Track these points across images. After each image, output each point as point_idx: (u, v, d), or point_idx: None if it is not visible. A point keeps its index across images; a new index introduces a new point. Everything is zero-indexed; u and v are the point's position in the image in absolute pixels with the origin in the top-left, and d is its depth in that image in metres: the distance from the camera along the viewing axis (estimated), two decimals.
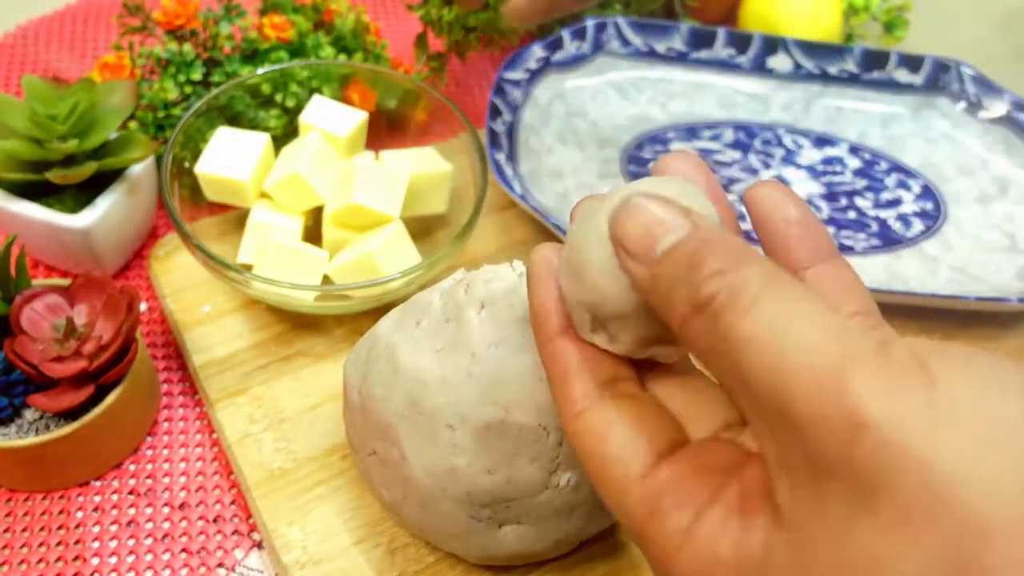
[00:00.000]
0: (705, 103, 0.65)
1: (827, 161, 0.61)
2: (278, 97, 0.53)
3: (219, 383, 0.45)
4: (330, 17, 0.59)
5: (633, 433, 0.22)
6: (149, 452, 0.44)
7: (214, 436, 0.45)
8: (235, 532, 0.42)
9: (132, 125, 0.52)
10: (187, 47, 0.53)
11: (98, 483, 0.43)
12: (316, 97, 0.52)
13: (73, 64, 0.67)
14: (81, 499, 0.42)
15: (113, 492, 0.43)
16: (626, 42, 0.66)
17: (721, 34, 0.66)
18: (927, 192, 0.59)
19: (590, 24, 0.65)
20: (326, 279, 0.48)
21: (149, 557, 0.41)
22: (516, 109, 0.60)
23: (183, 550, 0.41)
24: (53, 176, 0.45)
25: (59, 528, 0.41)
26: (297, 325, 0.48)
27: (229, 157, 0.49)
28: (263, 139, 0.50)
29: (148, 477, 0.44)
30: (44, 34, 0.70)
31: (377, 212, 0.47)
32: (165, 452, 0.45)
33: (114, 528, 0.42)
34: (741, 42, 0.66)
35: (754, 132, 0.63)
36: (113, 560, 0.40)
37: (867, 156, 0.62)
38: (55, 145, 0.45)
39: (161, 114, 0.53)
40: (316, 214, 0.50)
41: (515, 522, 0.36)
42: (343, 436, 0.43)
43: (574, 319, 0.25)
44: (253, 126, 0.52)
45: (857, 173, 0.61)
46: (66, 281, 0.43)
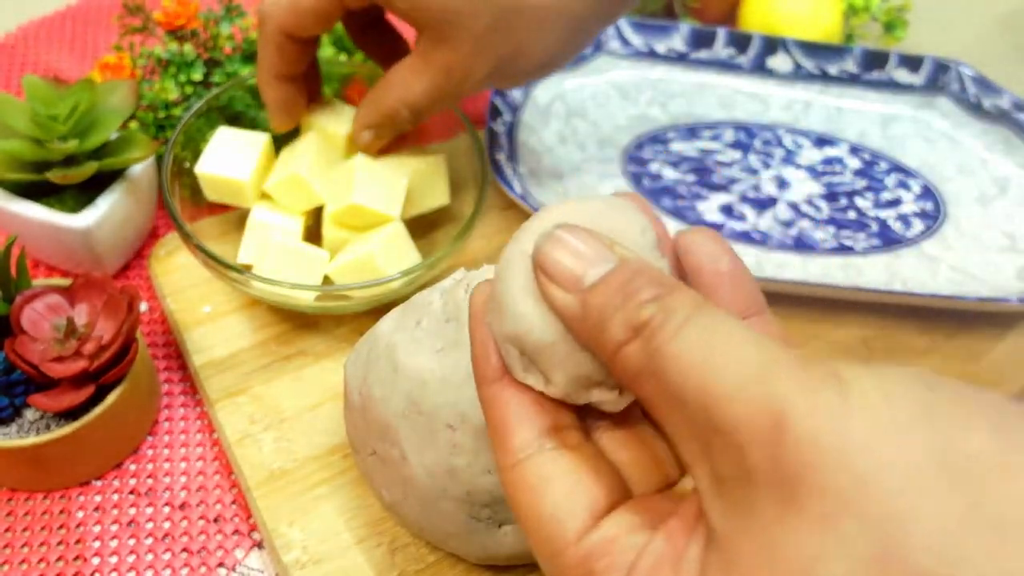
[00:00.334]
0: (705, 103, 0.65)
1: (827, 161, 0.61)
2: None
3: (219, 383, 0.45)
4: None
5: (571, 490, 0.22)
6: (149, 452, 0.44)
7: (214, 436, 0.45)
8: (235, 532, 0.42)
9: (132, 125, 0.52)
10: (187, 47, 0.53)
11: (98, 483, 0.43)
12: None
13: (73, 64, 0.67)
14: (81, 499, 0.42)
15: (113, 492, 0.43)
16: (626, 42, 0.66)
17: (721, 34, 0.66)
18: (927, 192, 0.60)
19: None
20: (326, 279, 0.48)
21: (149, 557, 0.41)
22: (516, 109, 0.60)
23: (183, 550, 0.41)
24: (54, 176, 0.45)
25: (59, 528, 0.41)
26: (297, 325, 0.48)
27: (229, 157, 0.49)
28: (263, 139, 0.50)
29: (148, 477, 0.44)
30: (44, 34, 0.70)
31: (377, 212, 0.47)
32: (165, 452, 0.45)
33: (114, 528, 0.42)
34: (741, 42, 0.66)
35: (754, 132, 0.63)
36: (113, 560, 0.40)
37: (867, 156, 0.62)
38: (56, 145, 0.45)
39: (161, 114, 0.53)
40: (316, 214, 0.50)
41: (515, 522, 0.36)
42: (343, 436, 0.43)
43: (506, 359, 0.24)
44: (253, 126, 0.52)
45: (857, 173, 0.61)
46: (66, 281, 0.43)
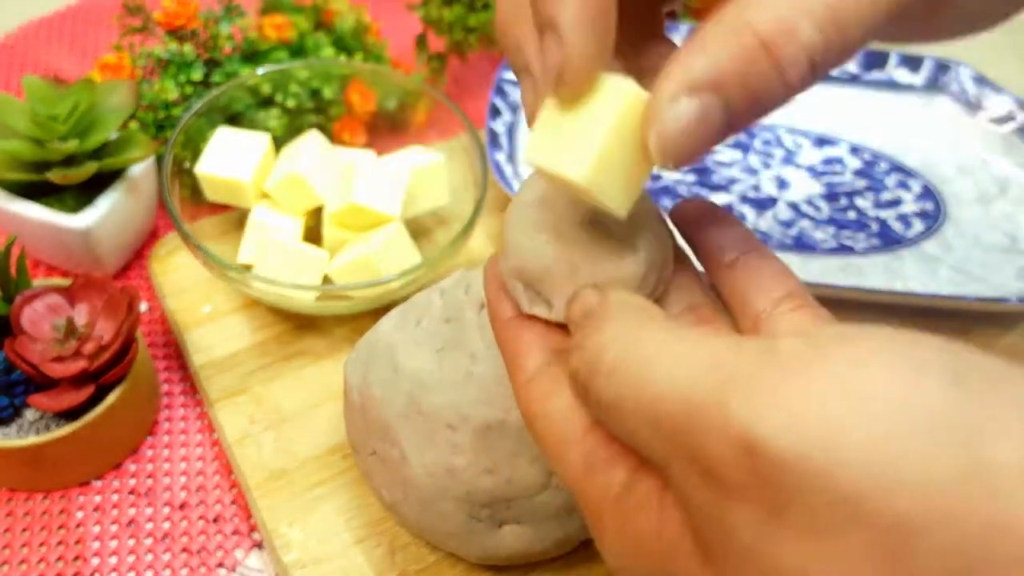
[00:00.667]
0: None
1: (827, 161, 0.61)
2: (278, 97, 0.53)
3: (219, 383, 0.45)
4: (330, 17, 0.59)
5: (573, 397, 0.23)
6: (149, 452, 0.44)
7: (214, 436, 0.45)
8: (235, 532, 0.42)
9: (132, 125, 0.52)
10: (187, 47, 0.53)
11: (98, 483, 0.43)
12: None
13: (73, 64, 0.67)
14: (81, 499, 0.42)
15: (113, 492, 0.43)
16: None
17: None
18: (927, 192, 0.59)
19: None
20: (326, 279, 0.48)
21: (149, 557, 0.41)
22: (516, 109, 0.60)
23: (183, 550, 0.41)
24: (53, 176, 0.45)
25: (59, 528, 0.41)
26: (297, 325, 0.48)
27: (229, 157, 0.49)
28: (263, 139, 0.50)
29: (148, 477, 0.44)
30: (44, 34, 0.70)
31: (377, 212, 0.47)
32: (165, 452, 0.45)
33: (114, 528, 0.42)
34: None
35: (754, 132, 0.63)
36: (113, 560, 0.40)
37: (867, 156, 0.62)
38: (55, 145, 0.45)
39: (161, 114, 0.53)
40: (316, 214, 0.50)
41: (515, 522, 0.36)
42: (343, 436, 0.43)
43: (514, 296, 0.26)
44: (253, 126, 0.52)
45: (857, 173, 0.61)
46: (66, 281, 0.43)
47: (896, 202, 0.59)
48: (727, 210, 0.27)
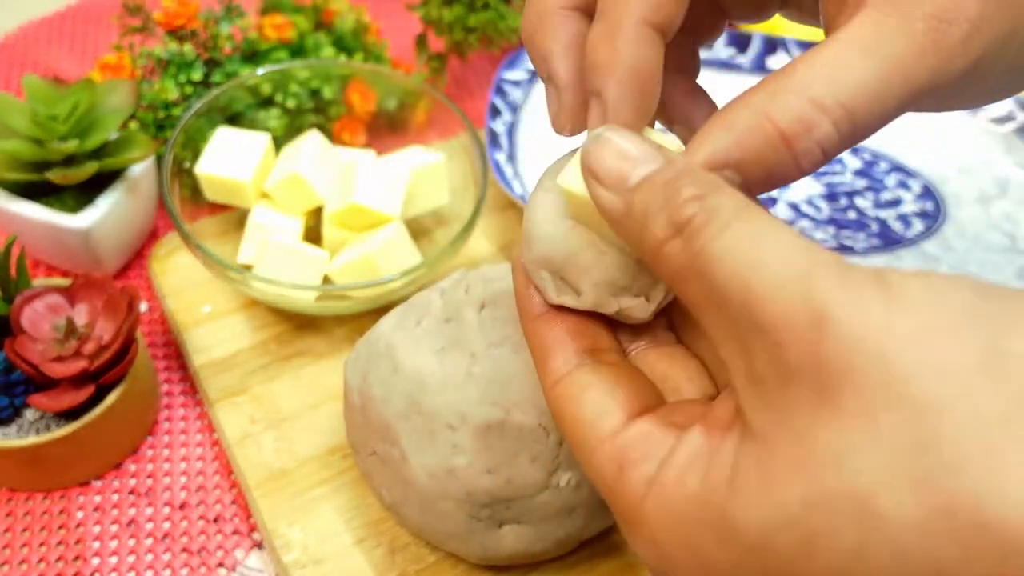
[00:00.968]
0: None
1: None
2: (278, 97, 0.53)
3: (219, 383, 0.45)
4: (330, 17, 0.59)
5: (607, 395, 0.23)
6: (149, 452, 0.44)
7: (214, 436, 0.45)
8: (235, 532, 0.42)
9: (132, 125, 0.52)
10: (187, 47, 0.53)
11: (98, 483, 0.43)
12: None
13: (73, 64, 0.67)
14: (81, 499, 0.42)
15: (113, 492, 0.43)
16: None
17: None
18: (927, 192, 0.59)
19: None
20: (326, 279, 0.48)
21: (149, 557, 0.41)
22: (516, 109, 0.60)
23: (183, 550, 0.41)
24: (53, 176, 0.45)
25: (59, 528, 0.41)
26: (297, 325, 0.48)
27: (229, 157, 0.49)
28: (263, 139, 0.50)
29: (148, 477, 0.44)
30: (44, 34, 0.70)
31: (377, 212, 0.47)
32: (165, 452, 0.45)
33: (114, 528, 0.42)
34: (741, 42, 0.66)
35: None
36: (113, 560, 0.40)
37: (867, 156, 0.62)
38: (55, 145, 0.45)
39: (161, 114, 0.53)
40: (316, 214, 0.50)
41: (515, 522, 0.36)
42: (343, 436, 0.43)
43: (541, 288, 0.26)
44: (253, 126, 0.52)
45: (857, 173, 0.61)
46: (66, 281, 0.43)
47: (896, 202, 0.59)
48: None
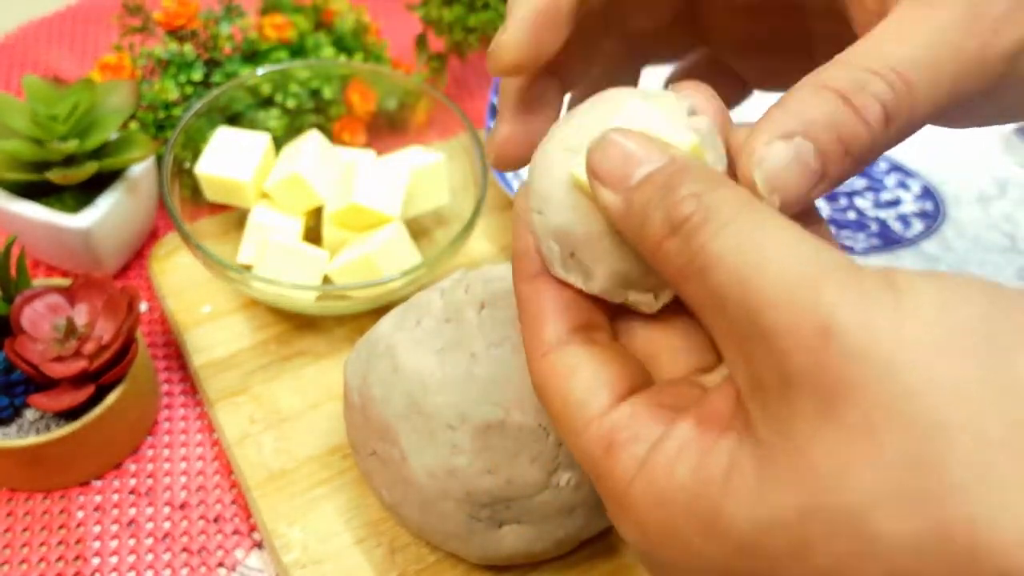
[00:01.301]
0: None
1: None
2: (278, 97, 0.53)
3: (219, 383, 0.45)
4: (330, 17, 0.59)
5: (595, 375, 0.23)
6: (149, 452, 0.44)
7: (214, 436, 0.45)
8: (235, 532, 0.42)
9: (132, 125, 0.52)
10: (187, 47, 0.53)
11: (98, 483, 0.43)
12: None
13: (73, 64, 0.67)
14: (81, 499, 0.42)
15: (113, 492, 0.43)
16: None
17: None
18: (927, 192, 0.59)
19: None
20: (326, 279, 0.48)
21: (149, 557, 0.41)
22: None
23: (183, 550, 0.41)
24: (54, 176, 0.45)
25: (59, 528, 0.41)
26: (297, 325, 0.48)
27: (229, 157, 0.49)
28: (263, 139, 0.50)
29: (148, 477, 0.44)
30: (44, 34, 0.70)
31: (377, 212, 0.47)
32: (165, 452, 0.45)
33: (114, 528, 0.42)
34: None
35: None
36: (113, 560, 0.40)
37: None
38: (55, 145, 0.45)
39: (161, 114, 0.53)
40: (316, 214, 0.50)
41: (515, 522, 0.36)
42: (343, 436, 0.43)
43: (547, 256, 0.24)
44: (253, 126, 0.52)
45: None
46: (66, 281, 0.43)
47: (896, 202, 0.59)
48: None
